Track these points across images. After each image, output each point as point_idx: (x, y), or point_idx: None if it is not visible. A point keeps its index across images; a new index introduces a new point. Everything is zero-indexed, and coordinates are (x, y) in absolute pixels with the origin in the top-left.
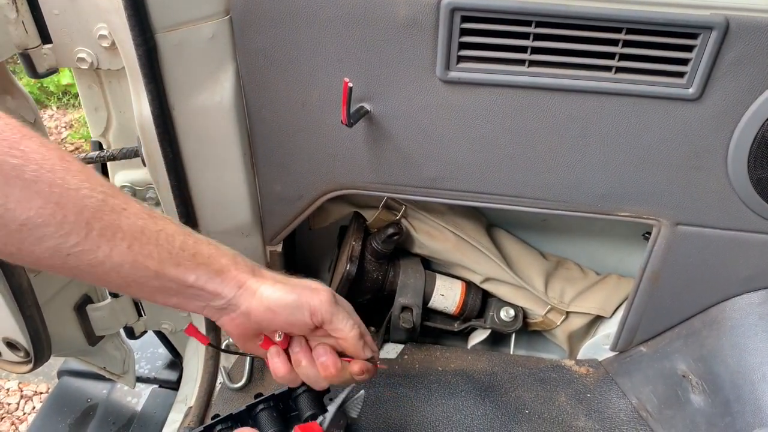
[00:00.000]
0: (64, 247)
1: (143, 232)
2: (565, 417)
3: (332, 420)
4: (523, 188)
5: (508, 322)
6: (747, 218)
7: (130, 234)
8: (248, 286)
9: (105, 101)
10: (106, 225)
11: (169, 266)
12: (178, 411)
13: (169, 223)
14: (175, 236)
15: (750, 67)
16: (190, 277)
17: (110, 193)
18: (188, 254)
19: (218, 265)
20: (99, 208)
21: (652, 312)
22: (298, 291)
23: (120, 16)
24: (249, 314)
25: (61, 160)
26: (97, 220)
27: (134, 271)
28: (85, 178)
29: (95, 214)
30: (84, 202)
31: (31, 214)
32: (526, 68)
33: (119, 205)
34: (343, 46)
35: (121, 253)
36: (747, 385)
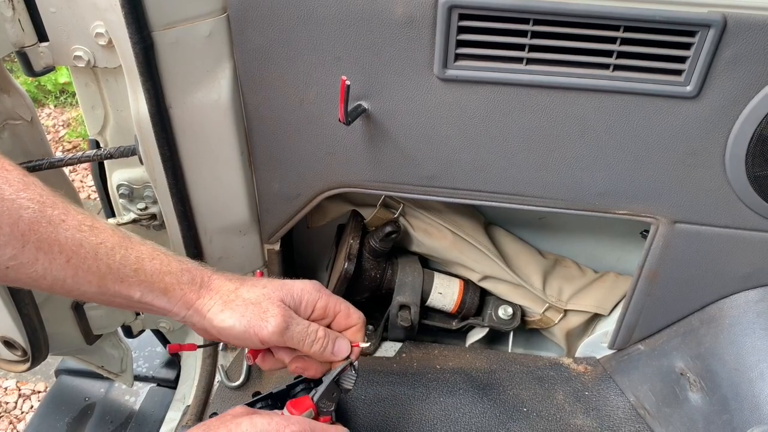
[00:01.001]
0: (2, 260)
1: (81, 245)
2: (563, 415)
3: (324, 393)
4: (521, 186)
5: (506, 321)
6: (745, 216)
7: (68, 247)
8: (197, 307)
9: (102, 99)
10: (42, 237)
11: (111, 282)
12: (175, 410)
13: (112, 235)
14: (116, 250)
15: (748, 64)
16: (135, 293)
17: (49, 204)
18: (130, 270)
19: (162, 284)
20: (36, 220)
21: (650, 310)
22: (247, 316)
23: (117, 14)
24: (205, 331)
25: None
26: (33, 233)
27: (78, 285)
28: (23, 188)
29: (31, 226)
30: (19, 213)
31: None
32: (524, 66)
33: (57, 216)
34: (340, 44)
35: (61, 266)
36: (745, 382)
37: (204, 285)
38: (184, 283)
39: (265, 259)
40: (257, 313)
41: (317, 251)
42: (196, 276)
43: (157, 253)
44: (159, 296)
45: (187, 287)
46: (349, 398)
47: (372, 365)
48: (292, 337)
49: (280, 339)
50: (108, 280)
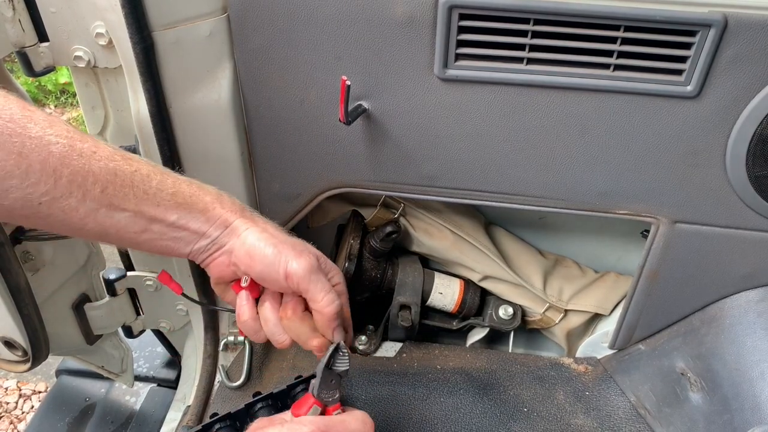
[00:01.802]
0: (34, 197)
1: (116, 174)
2: (563, 415)
3: (321, 384)
4: (522, 186)
5: (506, 320)
6: (745, 216)
7: (103, 177)
8: (235, 226)
9: (102, 99)
10: (75, 170)
11: (148, 206)
12: (176, 410)
13: (145, 163)
14: (152, 176)
15: (748, 64)
16: (172, 216)
17: (77, 138)
18: (167, 193)
19: (201, 204)
20: (66, 154)
21: (651, 310)
22: (280, 247)
23: (117, 14)
24: (231, 253)
25: (22, 109)
26: (65, 167)
27: (111, 215)
28: (49, 125)
29: (62, 161)
30: (49, 149)
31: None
32: (524, 66)
33: (88, 148)
34: (341, 44)
35: (95, 197)
36: (745, 382)
37: (245, 214)
38: (225, 202)
39: None
40: (293, 247)
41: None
42: (236, 202)
43: (192, 180)
44: (197, 216)
45: (227, 207)
46: (350, 398)
47: (372, 365)
48: (324, 278)
49: (307, 277)
50: (145, 206)
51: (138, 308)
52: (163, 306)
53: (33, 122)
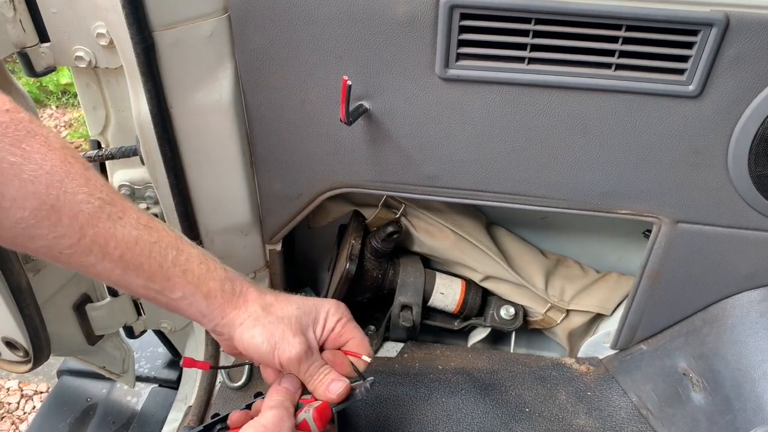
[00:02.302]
0: (57, 248)
1: (137, 243)
2: (565, 415)
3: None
4: (523, 186)
5: (508, 321)
6: (747, 216)
7: (124, 244)
8: (231, 318)
9: (103, 100)
10: (99, 232)
11: (159, 279)
12: (177, 410)
13: (167, 234)
14: (168, 250)
15: (750, 63)
16: (177, 293)
17: (108, 200)
18: (179, 270)
19: (206, 289)
20: (95, 215)
21: (653, 310)
22: (273, 340)
23: (118, 14)
24: (232, 342)
25: (62, 162)
26: (92, 227)
27: (125, 278)
28: (84, 182)
29: (90, 220)
30: (80, 207)
31: (26, 214)
32: (526, 65)
33: (116, 213)
34: (341, 44)
35: (113, 260)
36: (748, 382)
37: (242, 296)
38: (226, 291)
39: (266, 260)
40: (284, 335)
41: (319, 252)
42: (236, 286)
43: (205, 257)
44: (200, 300)
45: (227, 296)
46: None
47: (374, 366)
48: (306, 370)
49: (298, 368)
50: (156, 278)
51: (139, 308)
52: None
53: (70, 177)
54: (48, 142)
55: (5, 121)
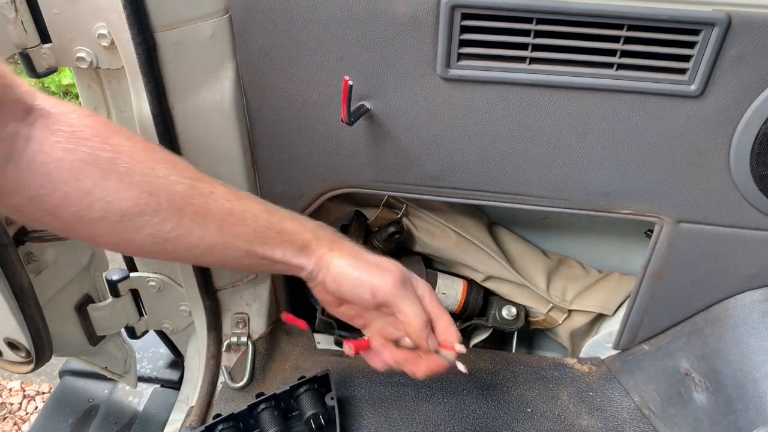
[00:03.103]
0: (161, 233)
1: (231, 214)
2: (567, 415)
3: None
4: (525, 186)
5: (509, 321)
6: (749, 215)
7: (220, 216)
8: (324, 259)
9: (105, 101)
10: (196, 209)
11: (257, 245)
12: (179, 411)
13: (253, 202)
14: (260, 215)
15: (752, 63)
16: (277, 253)
17: (197, 178)
18: (274, 232)
19: (301, 241)
20: (188, 194)
21: (655, 310)
22: (364, 268)
23: (119, 15)
24: (324, 284)
25: (146, 150)
26: (188, 205)
27: (226, 251)
28: (172, 166)
29: (185, 200)
30: (174, 189)
31: (129, 204)
32: (527, 65)
33: (206, 188)
34: (343, 44)
35: (213, 235)
36: (750, 383)
37: (334, 246)
38: (320, 239)
39: None
40: (377, 266)
41: None
42: (329, 236)
43: (294, 215)
44: (297, 254)
45: (321, 243)
46: (354, 400)
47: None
48: (403, 296)
49: (393, 292)
50: (254, 244)
51: (141, 309)
52: (166, 307)
53: (159, 162)
54: (129, 136)
55: (92, 123)
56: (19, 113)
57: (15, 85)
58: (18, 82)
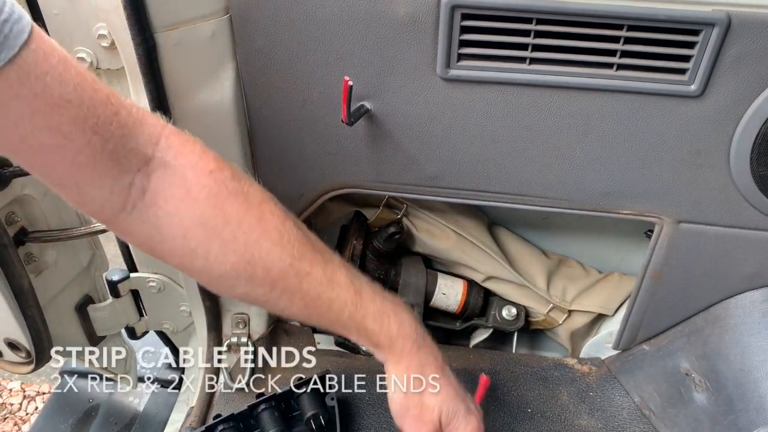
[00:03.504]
0: (252, 295)
1: (319, 298)
2: (567, 415)
3: None
4: (525, 186)
5: (510, 321)
6: (750, 215)
7: (309, 298)
8: (389, 368)
9: None
10: (288, 286)
11: (337, 327)
12: (179, 411)
13: (347, 290)
14: (346, 306)
15: (752, 63)
16: (352, 337)
17: (298, 257)
18: (353, 325)
19: (376, 340)
20: (285, 271)
21: (655, 310)
22: (407, 402)
23: (119, 16)
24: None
25: (259, 220)
26: (282, 280)
27: (310, 321)
28: (278, 239)
29: (281, 275)
30: (273, 264)
31: (227, 268)
32: (527, 66)
33: (304, 269)
34: (343, 44)
35: (298, 309)
36: (750, 383)
37: (405, 354)
38: (395, 347)
39: None
40: (418, 410)
41: None
42: (405, 343)
43: (381, 313)
44: (370, 347)
45: (394, 351)
46: (354, 400)
47: (376, 366)
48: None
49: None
50: (335, 326)
51: (141, 309)
52: (167, 307)
53: (265, 236)
54: (248, 199)
55: (209, 183)
56: (136, 164)
57: (134, 134)
58: (138, 131)
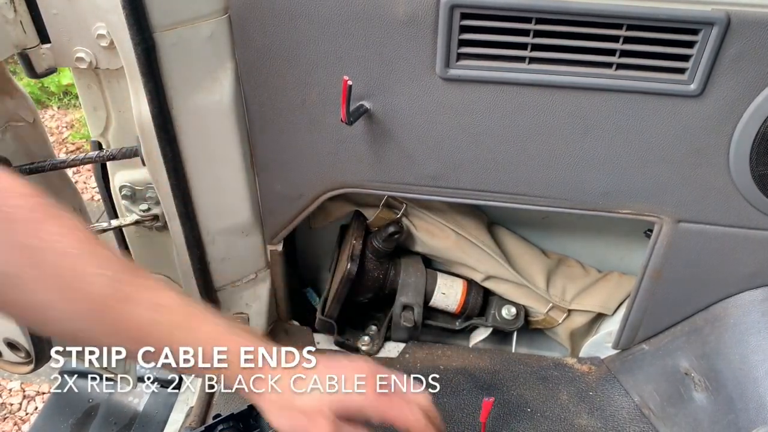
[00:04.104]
0: (72, 327)
1: (143, 323)
2: (567, 415)
3: None
4: (524, 186)
5: (509, 321)
6: (749, 215)
7: (134, 325)
8: (253, 399)
9: (104, 101)
10: (109, 313)
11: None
12: (179, 411)
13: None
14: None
15: (752, 62)
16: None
17: (120, 279)
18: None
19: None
20: (107, 295)
21: (654, 310)
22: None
23: (118, 16)
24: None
25: (79, 242)
26: (103, 305)
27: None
28: (98, 263)
29: (102, 300)
30: (92, 288)
31: (47, 296)
32: (527, 65)
33: (127, 294)
34: (342, 44)
35: (122, 339)
36: (750, 382)
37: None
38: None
39: (267, 260)
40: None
41: (320, 252)
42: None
43: (218, 337)
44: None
45: (245, 376)
46: None
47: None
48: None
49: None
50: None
51: None
52: None
53: (85, 258)
54: (63, 223)
55: (21, 204)
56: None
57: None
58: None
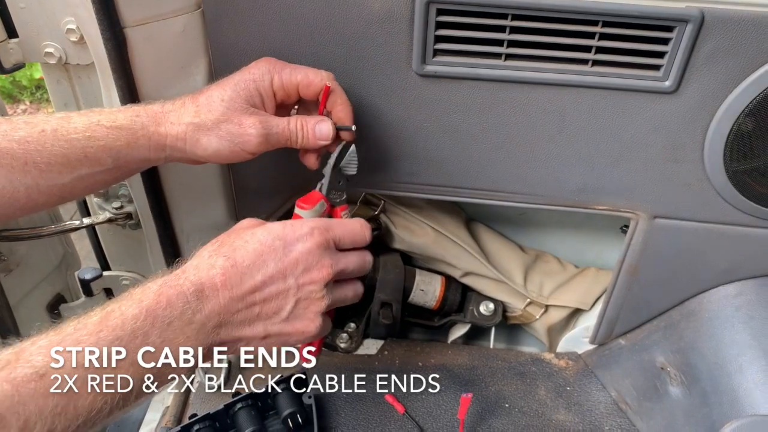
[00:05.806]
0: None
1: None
2: (545, 410)
3: (330, 183)
4: (501, 182)
5: (487, 316)
6: (723, 211)
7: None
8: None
9: (75, 97)
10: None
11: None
12: (155, 411)
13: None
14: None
15: (725, 59)
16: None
17: None
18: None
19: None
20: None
21: (631, 305)
22: (227, 138)
23: (88, 10)
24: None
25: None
26: None
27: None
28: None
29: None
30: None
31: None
32: (503, 62)
33: None
34: (317, 40)
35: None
36: (724, 376)
37: (164, 123)
38: (148, 126)
39: None
40: (234, 129)
41: None
42: (152, 119)
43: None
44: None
45: (150, 129)
46: (331, 397)
47: (354, 363)
48: (278, 140)
49: (267, 145)
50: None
51: None
52: None
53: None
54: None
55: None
56: None
57: None
58: None
